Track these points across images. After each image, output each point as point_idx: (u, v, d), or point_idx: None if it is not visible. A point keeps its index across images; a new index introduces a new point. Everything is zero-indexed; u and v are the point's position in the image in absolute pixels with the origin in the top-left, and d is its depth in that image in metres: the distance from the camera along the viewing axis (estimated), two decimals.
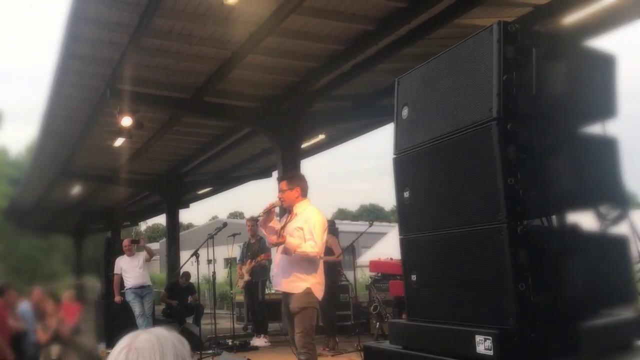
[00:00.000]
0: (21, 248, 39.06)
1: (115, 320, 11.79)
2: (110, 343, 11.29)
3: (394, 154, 3.98)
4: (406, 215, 3.95)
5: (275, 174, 16.57)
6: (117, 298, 11.19)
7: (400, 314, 8.08)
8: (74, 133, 13.85)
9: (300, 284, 5.53)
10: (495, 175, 3.10)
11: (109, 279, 12.00)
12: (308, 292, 5.49)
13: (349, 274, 11.51)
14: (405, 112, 3.89)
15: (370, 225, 11.04)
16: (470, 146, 3.29)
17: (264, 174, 19.18)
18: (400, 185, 3.95)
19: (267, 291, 11.73)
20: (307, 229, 5.54)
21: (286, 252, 5.56)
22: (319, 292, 5.59)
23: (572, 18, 8.46)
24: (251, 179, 19.93)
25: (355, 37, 9.16)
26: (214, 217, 60.29)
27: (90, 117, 12.51)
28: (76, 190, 20.08)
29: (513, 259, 3.02)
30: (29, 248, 39.53)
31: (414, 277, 3.89)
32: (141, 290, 10.99)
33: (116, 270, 11.23)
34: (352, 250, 11.11)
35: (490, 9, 8.58)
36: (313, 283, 5.53)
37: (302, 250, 5.46)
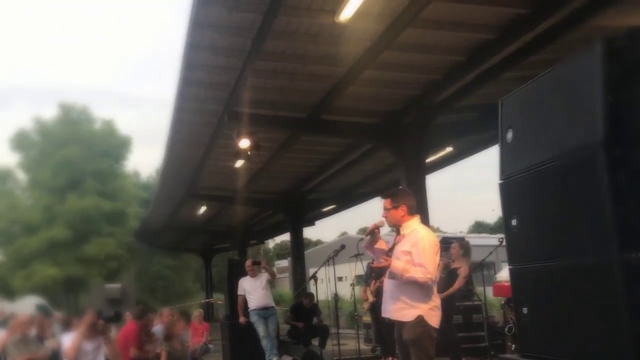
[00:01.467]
0: (154, 267, 41.39)
1: (240, 342, 12.13)
2: None
3: (500, 179, 3.94)
4: (515, 244, 3.89)
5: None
6: (241, 319, 11.49)
7: None
8: (195, 156, 14.68)
9: (410, 311, 5.18)
10: (605, 204, 3.00)
11: (233, 299, 12.40)
12: (420, 321, 5.13)
13: (485, 291, 11.27)
14: (509, 135, 3.85)
15: (501, 242, 10.64)
16: (577, 172, 3.21)
17: (391, 189, 19.12)
18: (507, 213, 3.89)
19: None
20: (415, 253, 5.16)
21: (393, 276, 5.25)
22: (434, 319, 5.20)
23: None
24: (377, 195, 19.94)
25: (476, 47, 9.03)
26: (343, 234, 60.82)
27: (210, 141, 13.20)
28: (202, 210, 21.04)
29: (628, 295, 2.90)
30: (161, 267, 41.81)
31: (524, 310, 3.82)
32: (265, 312, 11.26)
33: (239, 292, 11.54)
34: (484, 267, 10.78)
35: (625, 8, 8.16)
36: (426, 310, 5.16)
37: (410, 275, 5.08)
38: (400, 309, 5.28)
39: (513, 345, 9.06)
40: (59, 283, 34.76)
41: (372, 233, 5.62)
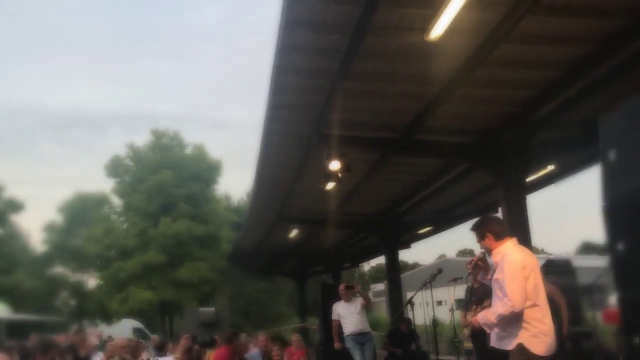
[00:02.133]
0: (247, 291, 42.10)
1: None
2: None
3: (603, 201, 3.85)
4: (623, 269, 3.79)
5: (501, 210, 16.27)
6: (337, 345, 11.56)
7: None
8: (285, 179, 14.91)
9: (510, 340, 5.31)
10: None
11: (328, 324, 12.47)
12: (521, 349, 5.21)
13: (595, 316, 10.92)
14: (612, 155, 3.76)
15: None
16: None
17: (490, 210, 18.77)
18: (613, 236, 3.81)
19: None
20: (502, 281, 5.33)
21: (489, 327, 5.54)
22: (537, 346, 5.23)
23: None
24: (475, 216, 19.62)
25: (576, 61, 8.79)
26: (442, 256, 60.22)
27: (299, 163, 13.36)
28: (293, 233, 21.27)
29: None
30: (255, 291, 42.48)
31: (637, 340, 3.72)
32: (360, 337, 11.29)
33: (334, 316, 11.63)
34: (594, 290, 10.44)
35: None
36: (526, 337, 5.23)
37: (496, 317, 5.33)
38: (503, 338, 5.42)
39: None
40: (154, 307, 35.86)
41: (477, 266, 5.78)
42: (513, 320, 5.26)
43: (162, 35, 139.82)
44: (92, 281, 40.47)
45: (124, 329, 31.87)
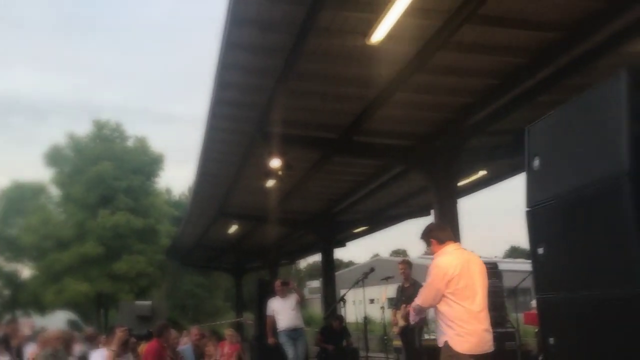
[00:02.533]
0: (184, 285, 41.65)
1: None
2: None
3: (526, 206, 3.97)
4: (541, 272, 3.90)
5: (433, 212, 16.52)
6: (270, 340, 11.52)
7: None
8: (227, 175, 14.81)
9: (441, 337, 5.50)
10: (630, 235, 3.00)
11: (263, 320, 12.42)
12: (446, 346, 5.39)
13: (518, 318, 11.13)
14: (536, 162, 3.88)
15: None
16: (602, 202, 3.22)
17: (423, 212, 19.11)
18: (534, 241, 3.91)
19: (425, 336, 11.62)
20: None
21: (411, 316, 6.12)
22: (461, 345, 5.35)
23: None
24: (409, 217, 19.92)
25: (510, 71, 9.04)
26: (375, 255, 60.72)
27: (242, 160, 13.30)
28: (233, 229, 21.15)
29: None
30: (192, 285, 42.05)
31: (551, 341, 3.82)
32: (294, 333, 11.27)
33: (268, 312, 11.59)
34: (519, 293, 10.69)
35: None
36: (452, 335, 5.39)
37: (415, 308, 5.82)
38: (439, 336, 5.64)
39: None
40: (90, 299, 35.09)
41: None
42: (443, 318, 5.49)
43: (108, 26, 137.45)
44: (26, 271, 39.31)
45: (58, 320, 31.09)
